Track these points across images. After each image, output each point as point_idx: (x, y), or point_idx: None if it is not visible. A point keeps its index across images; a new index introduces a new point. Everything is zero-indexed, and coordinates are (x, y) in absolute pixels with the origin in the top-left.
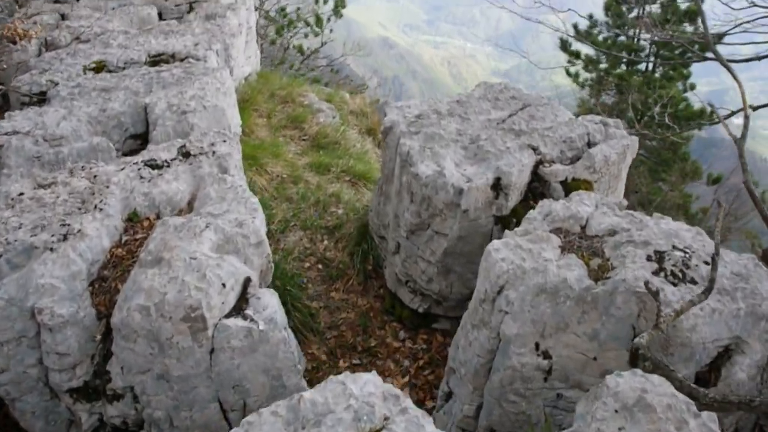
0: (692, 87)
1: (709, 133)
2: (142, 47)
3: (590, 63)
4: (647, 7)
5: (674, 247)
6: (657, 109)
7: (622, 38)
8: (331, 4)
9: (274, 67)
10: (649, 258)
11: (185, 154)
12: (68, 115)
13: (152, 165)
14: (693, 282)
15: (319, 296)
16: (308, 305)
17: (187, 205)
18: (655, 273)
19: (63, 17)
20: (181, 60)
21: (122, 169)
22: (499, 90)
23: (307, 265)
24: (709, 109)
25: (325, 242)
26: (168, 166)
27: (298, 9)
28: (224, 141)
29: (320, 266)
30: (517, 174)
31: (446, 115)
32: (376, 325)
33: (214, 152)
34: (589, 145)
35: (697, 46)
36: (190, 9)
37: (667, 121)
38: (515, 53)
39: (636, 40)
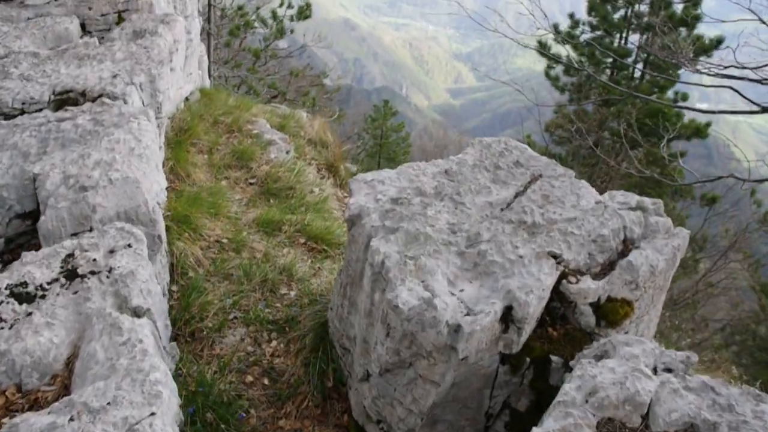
0: (684, 97)
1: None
2: (47, 80)
3: (571, 68)
4: (636, 6)
5: None
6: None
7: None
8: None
9: (225, 81)
10: None
11: (70, 274)
12: None
13: (20, 295)
14: None
15: (264, 427)
16: None
17: (65, 366)
18: None
19: None
20: (93, 99)
21: None
22: (499, 152)
23: (249, 379)
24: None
25: (273, 343)
26: (43, 297)
27: (258, 9)
28: (128, 245)
29: (266, 381)
30: (537, 302)
31: (433, 197)
32: None
33: (110, 270)
34: (626, 243)
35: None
36: (119, 19)
37: (663, 148)
38: (477, 36)
39: (623, 42)
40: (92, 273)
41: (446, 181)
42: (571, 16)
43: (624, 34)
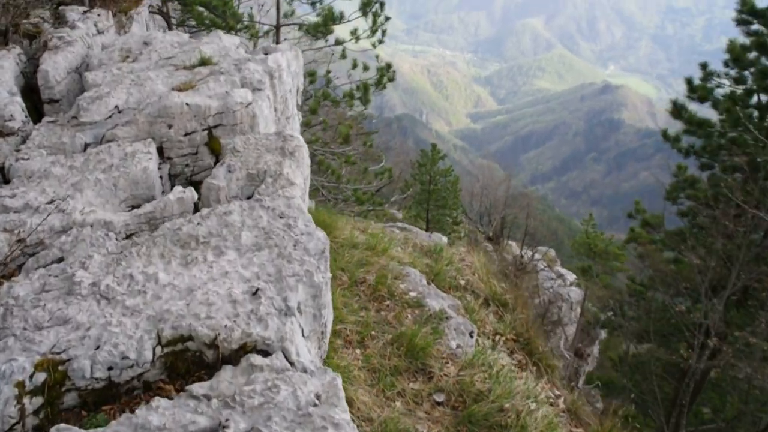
0: None
1: None
2: (142, 303)
3: (700, 127)
4: None
5: None
6: None
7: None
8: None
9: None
10: None
11: None
12: None
13: None
14: None
15: None
16: None
17: None
18: None
19: None
20: (231, 356)
21: None
22: None
23: None
24: None
25: None
26: None
27: (328, 73)
28: None
29: None
30: None
31: None
32: None
33: None
34: None
35: None
36: (209, 139)
37: None
38: (495, 59)
39: None
40: None
41: None
42: (704, 66)
43: None
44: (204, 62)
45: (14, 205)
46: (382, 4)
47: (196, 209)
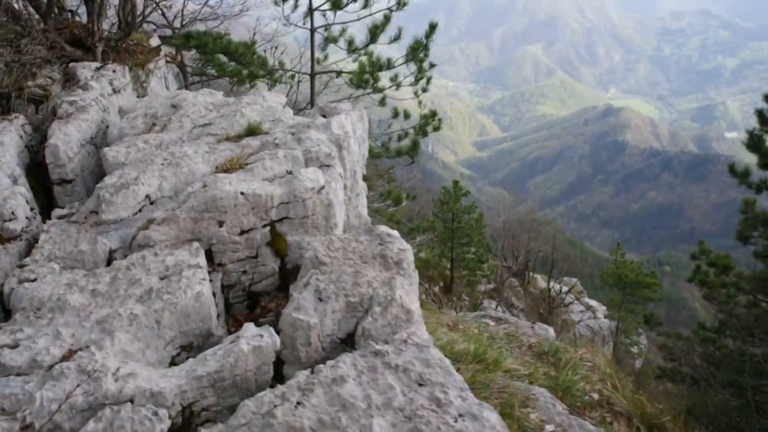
0: None
1: None
2: None
3: None
4: None
5: None
6: None
7: None
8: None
9: None
10: None
11: None
12: None
13: None
14: None
15: None
16: None
17: None
18: None
19: None
20: None
21: None
22: None
23: None
24: None
25: None
26: None
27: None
28: None
29: None
30: None
31: None
32: None
33: None
34: None
35: None
36: (272, 238)
37: None
38: (497, 87)
39: None
40: None
41: None
42: None
43: None
44: (252, 130)
45: (16, 362)
46: (427, 50)
47: (278, 358)
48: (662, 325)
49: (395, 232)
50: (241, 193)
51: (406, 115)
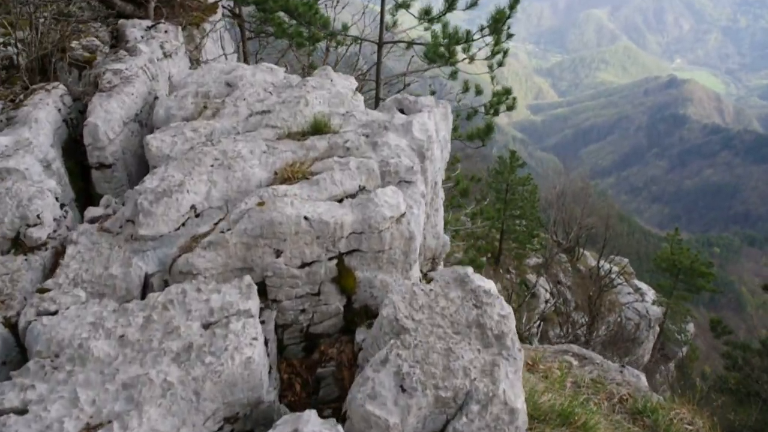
0: None
1: None
2: None
3: None
4: None
5: None
6: None
7: None
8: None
9: None
10: None
11: None
12: None
13: None
14: None
15: None
16: None
17: None
18: None
19: None
20: None
21: None
22: None
23: None
24: None
25: None
26: None
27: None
28: None
29: None
30: None
31: None
32: None
33: None
34: None
35: None
36: (340, 274)
37: None
38: (557, 50)
39: None
40: None
41: None
42: None
43: None
44: (318, 127)
45: None
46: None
47: None
48: (732, 333)
49: (492, 287)
50: (305, 218)
51: (478, 91)
